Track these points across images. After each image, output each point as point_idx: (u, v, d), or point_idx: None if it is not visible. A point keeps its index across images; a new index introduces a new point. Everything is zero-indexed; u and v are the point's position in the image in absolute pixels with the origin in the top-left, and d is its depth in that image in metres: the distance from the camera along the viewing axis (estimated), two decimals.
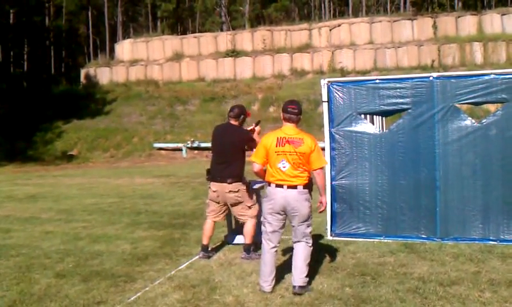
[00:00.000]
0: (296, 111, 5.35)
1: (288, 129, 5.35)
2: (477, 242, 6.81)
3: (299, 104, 5.54)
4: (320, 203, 5.39)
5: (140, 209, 10.76)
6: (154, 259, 6.80)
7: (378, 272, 5.84)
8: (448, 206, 7.01)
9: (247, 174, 6.60)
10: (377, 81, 7.48)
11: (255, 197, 6.83)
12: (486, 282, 5.37)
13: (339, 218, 7.42)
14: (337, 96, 7.45)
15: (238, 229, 7.23)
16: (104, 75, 33.67)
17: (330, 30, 32.10)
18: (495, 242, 6.73)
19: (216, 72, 31.70)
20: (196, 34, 36.56)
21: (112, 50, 39.59)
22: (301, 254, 5.35)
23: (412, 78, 7.35)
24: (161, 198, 12.28)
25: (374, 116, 10.30)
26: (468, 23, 30.33)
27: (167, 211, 10.45)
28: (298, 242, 5.39)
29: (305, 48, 31.64)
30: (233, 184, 6.47)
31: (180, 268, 6.36)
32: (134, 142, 26.59)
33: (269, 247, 5.44)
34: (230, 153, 6.52)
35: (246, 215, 6.61)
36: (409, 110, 7.20)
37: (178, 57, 32.82)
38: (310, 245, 5.43)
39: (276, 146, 5.29)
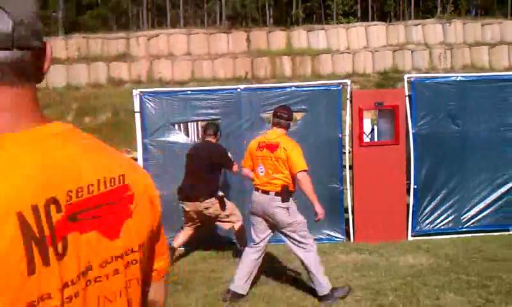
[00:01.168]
0: (284, 116, 5.16)
1: (271, 133, 5.20)
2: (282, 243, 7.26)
3: (291, 110, 5.35)
4: (316, 213, 5.02)
5: None
6: None
7: (190, 279, 5.95)
8: None
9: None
10: (189, 92, 7.68)
11: (230, 205, 6.62)
12: (290, 280, 5.76)
13: None
14: (149, 106, 7.44)
15: None
16: None
17: (148, 40, 31.95)
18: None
19: None
20: None
21: None
22: (305, 263, 5.07)
23: (221, 89, 7.67)
24: None
25: (189, 126, 10.53)
26: (278, 38, 32.43)
27: None
28: (294, 248, 5.11)
29: (123, 57, 31.07)
30: (206, 201, 6.29)
31: None
32: None
33: (248, 246, 5.35)
34: (205, 172, 6.32)
35: (228, 221, 6.54)
36: (219, 121, 7.47)
37: None
38: (307, 249, 5.05)
39: (256, 150, 5.19)
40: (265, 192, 5.06)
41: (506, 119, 7.43)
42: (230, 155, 6.61)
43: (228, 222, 6.59)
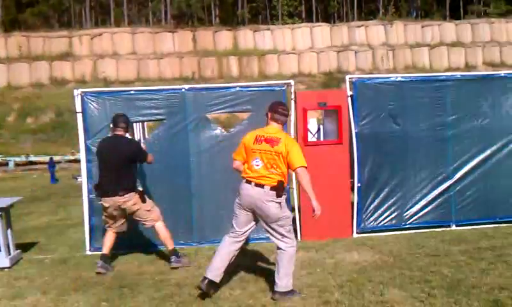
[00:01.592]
0: (285, 113, 5.25)
1: (270, 128, 5.17)
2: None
3: (286, 107, 5.44)
4: (313, 209, 5.02)
5: None
6: None
7: (137, 282, 5.86)
8: (204, 211, 7.38)
9: None
10: (132, 92, 7.55)
11: (150, 201, 6.51)
12: (236, 280, 5.76)
13: (98, 232, 7.24)
14: (92, 107, 7.29)
15: None
16: None
17: (92, 38, 31.33)
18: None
19: None
20: None
21: None
22: (282, 256, 5.11)
23: (166, 89, 7.59)
24: None
25: (134, 126, 10.36)
26: (225, 38, 32.43)
27: None
28: (278, 241, 5.14)
29: (66, 56, 30.34)
30: (126, 196, 6.18)
31: None
32: None
33: (228, 236, 5.24)
34: (122, 167, 6.21)
35: (148, 218, 6.42)
36: (165, 121, 7.40)
37: None
38: (291, 245, 5.13)
39: (253, 144, 5.11)
40: (259, 186, 5.03)
41: (444, 118, 7.69)
42: (143, 145, 6.65)
43: (149, 220, 6.48)
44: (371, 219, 7.62)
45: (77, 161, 20.06)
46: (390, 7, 43.52)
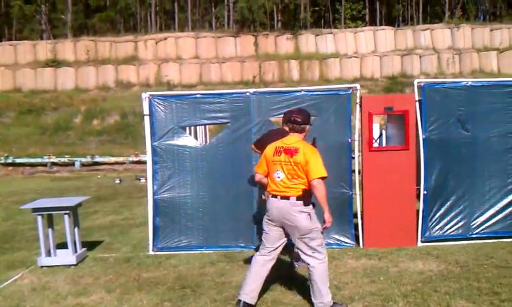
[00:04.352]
0: (298, 121, 5.02)
1: (289, 138, 5.04)
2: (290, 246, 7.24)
3: (305, 113, 5.18)
4: (324, 220, 4.89)
5: None
6: None
7: (198, 283, 5.92)
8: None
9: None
10: (198, 96, 7.65)
11: None
12: (297, 285, 5.71)
13: (161, 232, 7.39)
14: (159, 109, 7.44)
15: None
16: None
17: (156, 43, 32.06)
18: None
19: (35, 82, 29.79)
20: (13, 42, 34.02)
21: None
22: (313, 273, 4.92)
23: (231, 93, 7.62)
24: None
25: (197, 129, 10.53)
26: (286, 42, 32.45)
27: None
28: (307, 258, 4.96)
29: (131, 60, 31.21)
30: None
31: None
32: None
33: (259, 255, 5.10)
34: None
35: None
36: (229, 124, 7.46)
37: None
38: (321, 260, 4.94)
39: (273, 155, 5.03)
40: (285, 198, 4.90)
41: None
42: None
43: None
44: (437, 227, 7.40)
45: (141, 162, 20.65)
46: (457, 10, 42.25)
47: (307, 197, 4.89)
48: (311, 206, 4.95)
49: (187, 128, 8.21)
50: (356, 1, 43.52)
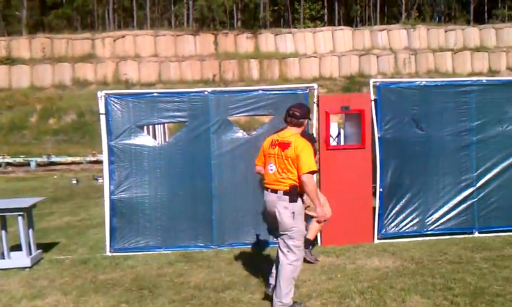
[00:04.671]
0: (297, 114, 5.01)
1: (285, 132, 5.04)
2: (249, 246, 7.28)
3: (305, 108, 5.19)
4: (316, 214, 4.95)
5: None
6: None
7: (156, 284, 5.87)
8: (223, 214, 7.37)
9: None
10: (156, 95, 7.57)
11: None
12: (255, 284, 5.74)
13: (118, 233, 7.29)
14: (115, 108, 7.33)
15: None
16: None
17: (114, 41, 31.61)
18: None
19: None
20: None
21: None
22: (280, 271, 4.92)
23: (189, 92, 7.58)
24: None
25: (156, 128, 10.42)
26: (246, 41, 32.50)
27: None
28: (280, 253, 4.97)
29: (88, 58, 30.68)
30: None
31: None
32: None
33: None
34: None
35: None
36: (187, 123, 7.41)
37: None
38: (291, 262, 4.89)
39: (268, 148, 5.06)
40: (274, 191, 4.92)
41: (469, 124, 7.58)
42: None
43: None
44: (392, 224, 7.54)
45: (98, 162, 20.31)
46: (413, 12, 43.13)
47: (294, 193, 4.85)
48: (299, 203, 4.92)
49: (145, 127, 8.12)
50: (315, 1, 43.90)
